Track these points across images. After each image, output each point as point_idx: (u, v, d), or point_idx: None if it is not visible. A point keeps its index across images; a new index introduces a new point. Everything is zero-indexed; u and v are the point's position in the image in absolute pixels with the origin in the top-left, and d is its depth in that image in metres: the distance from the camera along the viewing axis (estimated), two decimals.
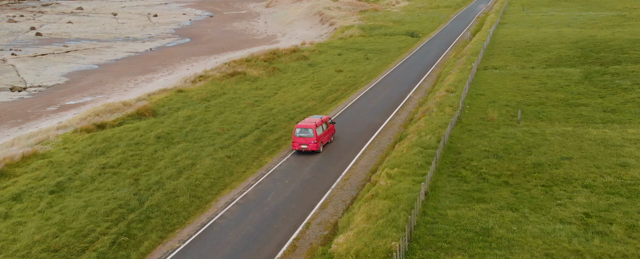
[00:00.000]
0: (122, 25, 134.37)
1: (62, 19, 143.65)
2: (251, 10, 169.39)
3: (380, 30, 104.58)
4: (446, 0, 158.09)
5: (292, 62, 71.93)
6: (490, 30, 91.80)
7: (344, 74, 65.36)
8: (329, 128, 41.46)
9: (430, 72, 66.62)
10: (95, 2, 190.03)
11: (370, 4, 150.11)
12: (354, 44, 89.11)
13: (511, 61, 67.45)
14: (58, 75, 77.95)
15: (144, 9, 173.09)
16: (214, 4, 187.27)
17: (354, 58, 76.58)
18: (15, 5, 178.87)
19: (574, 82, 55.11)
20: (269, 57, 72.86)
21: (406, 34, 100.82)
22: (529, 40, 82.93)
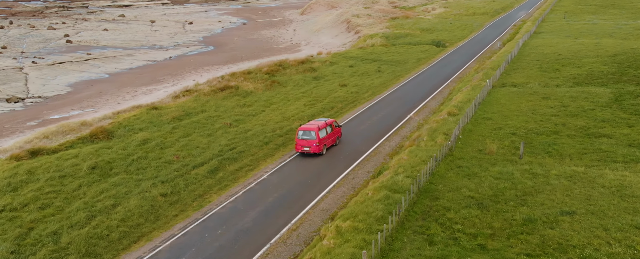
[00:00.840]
0: (154, 33, 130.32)
1: (101, 26, 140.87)
2: (285, 17, 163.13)
3: (405, 39, 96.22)
4: (484, 7, 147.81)
5: (297, 75, 64.81)
6: (520, 41, 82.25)
7: (347, 89, 57.78)
8: (334, 131, 39.74)
9: (442, 88, 58.27)
10: (138, 10, 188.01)
11: (403, 10, 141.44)
12: (371, 54, 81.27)
13: (535, 77, 58.38)
14: (63, 85, 73.34)
15: (182, 16, 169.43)
16: (251, 12, 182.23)
17: (366, 70, 68.80)
18: (63, 12, 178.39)
19: (600, 105, 45.89)
20: (273, 68, 65.99)
21: (431, 43, 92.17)
22: (562, 52, 73.23)
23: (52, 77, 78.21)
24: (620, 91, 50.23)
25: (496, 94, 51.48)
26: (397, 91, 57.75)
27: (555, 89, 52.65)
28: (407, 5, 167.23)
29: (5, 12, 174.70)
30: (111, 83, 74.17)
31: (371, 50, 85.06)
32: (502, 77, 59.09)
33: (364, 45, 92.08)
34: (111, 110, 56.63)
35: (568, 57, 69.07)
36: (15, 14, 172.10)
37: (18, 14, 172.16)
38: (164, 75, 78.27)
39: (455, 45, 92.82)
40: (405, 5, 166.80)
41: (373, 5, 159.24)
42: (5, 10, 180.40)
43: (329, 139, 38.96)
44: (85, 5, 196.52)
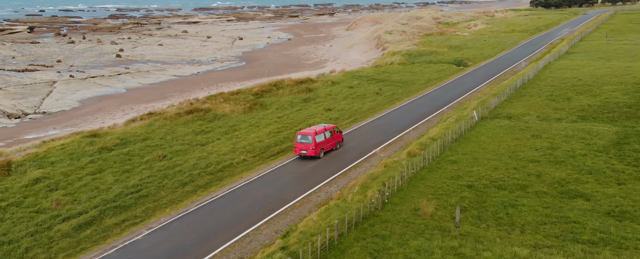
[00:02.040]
0: (201, 48, 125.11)
1: (159, 42, 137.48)
2: (330, 33, 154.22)
3: (427, 57, 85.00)
4: (527, 24, 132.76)
5: (287, 96, 55.80)
6: (540, 63, 69.65)
7: (329, 114, 48.07)
8: (333, 136, 38.19)
9: (432, 116, 47.38)
10: (203, 26, 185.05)
11: (441, 27, 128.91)
12: (383, 73, 70.95)
13: (538, 107, 46.61)
14: (75, 100, 67.88)
15: (239, 32, 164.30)
16: (303, 28, 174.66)
17: (365, 91, 58.73)
18: (136, 28, 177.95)
19: (595, 149, 34.09)
20: (266, 88, 57.32)
21: (452, 62, 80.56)
22: (583, 77, 60.31)
23: (72, 91, 73.21)
24: (628, 131, 37.89)
25: (481, 128, 40.43)
26: (382, 118, 47.51)
27: (553, 124, 40.90)
28: (451, 22, 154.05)
29: (88, 29, 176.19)
30: (120, 99, 68.07)
31: (385, 69, 74.71)
32: (501, 106, 47.60)
33: (382, 63, 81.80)
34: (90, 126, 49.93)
35: (587, 83, 56.24)
36: (97, 30, 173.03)
37: (99, 29, 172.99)
38: (174, 92, 71.43)
39: (477, 64, 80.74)
40: (448, 22, 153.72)
41: (414, 21, 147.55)
42: (91, 27, 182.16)
43: (327, 144, 37.27)
44: (159, 22, 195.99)
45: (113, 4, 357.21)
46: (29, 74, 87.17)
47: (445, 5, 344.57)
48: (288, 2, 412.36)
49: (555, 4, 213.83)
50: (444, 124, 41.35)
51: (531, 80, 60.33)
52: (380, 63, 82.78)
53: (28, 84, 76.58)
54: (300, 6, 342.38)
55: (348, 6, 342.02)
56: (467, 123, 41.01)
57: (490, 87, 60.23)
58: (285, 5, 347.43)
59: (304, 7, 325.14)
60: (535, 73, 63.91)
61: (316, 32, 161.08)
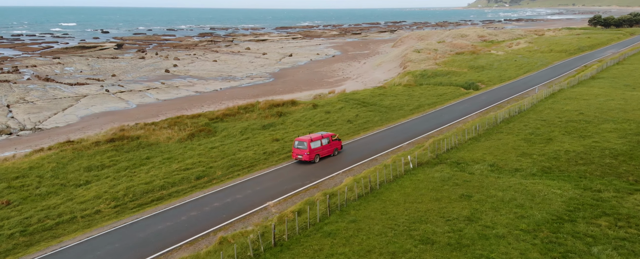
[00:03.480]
0: (248, 64, 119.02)
1: (219, 57, 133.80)
2: (374, 50, 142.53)
3: (440, 79, 72.27)
4: (571, 44, 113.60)
5: (251, 121, 46.55)
6: (550, 89, 55.21)
7: (268, 146, 38.00)
8: (331, 144, 36.64)
9: (381, 155, 36.18)
10: (267, 44, 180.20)
11: (476, 46, 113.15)
12: (378, 96, 59.73)
13: (503, 151, 34.19)
14: (78, 116, 62.05)
15: (294, 49, 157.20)
16: (353, 45, 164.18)
17: (338, 118, 48.18)
18: (208, 45, 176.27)
19: (523, 228, 22.07)
20: (232, 112, 48.64)
21: (463, 85, 67.52)
22: (588, 110, 46.17)
23: (87, 107, 68.24)
24: (587, 198, 25.11)
25: (406, 180, 29.10)
26: None
27: (502, 178, 28.72)
28: (495, 40, 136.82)
29: (171, 45, 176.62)
30: (120, 115, 62.09)
31: (385, 91, 63.32)
32: (460, 147, 35.54)
33: (388, 84, 70.42)
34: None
35: (586, 119, 42.23)
36: (177, 46, 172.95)
37: (179, 46, 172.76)
38: (176, 108, 64.48)
39: (489, 87, 67.05)
40: (493, 40, 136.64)
41: (458, 39, 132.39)
42: (174, 44, 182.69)
43: (323, 150, 35.77)
44: (232, 40, 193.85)
45: (214, 24, 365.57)
46: (76, 88, 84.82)
47: (509, 22, 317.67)
48: (375, 19, 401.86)
49: (616, 23, 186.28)
50: (369, 171, 30.51)
51: (525, 111, 46.87)
52: (388, 84, 71.46)
53: (58, 98, 73.50)
54: (371, 24, 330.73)
55: (416, 23, 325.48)
56: (397, 169, 30.00)
57: (481, 116, 47.55)
58: (357, 24, 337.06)
59: (374, 25, 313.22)
60: (534, 103, 50.10)
61: (364, 49, 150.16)
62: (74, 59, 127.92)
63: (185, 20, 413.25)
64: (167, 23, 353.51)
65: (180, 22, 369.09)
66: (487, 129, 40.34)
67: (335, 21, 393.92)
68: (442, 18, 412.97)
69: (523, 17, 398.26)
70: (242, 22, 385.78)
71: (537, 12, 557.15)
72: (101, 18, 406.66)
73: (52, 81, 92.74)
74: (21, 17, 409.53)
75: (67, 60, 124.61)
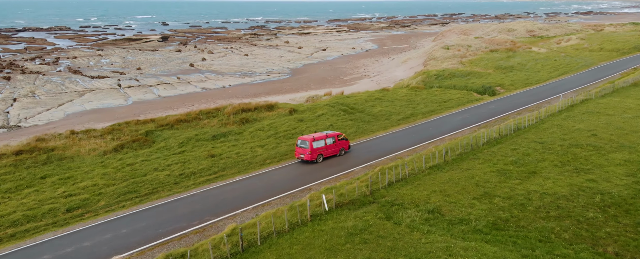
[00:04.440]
0: (277, 59, 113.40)
1: (252, 51, 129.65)
2: (412, 44, 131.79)
3: (454, 81, 62.71)
4: (627, 42, 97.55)
5: (207, 128, 40.34)
6: (570, 100, 44.86)
7: (198, 164, 32.03)
8: (336, 144, 34.36)
9: (316, 184, 29.34)
10: (308, 37, 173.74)
11: (515, 42, 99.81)
12: (372, 101, 51.72)
13: (461, 191, 25.98)
14: (66, 114, 58.44)
15: (333, 43, 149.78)
16: (394, 38, 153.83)
17: (307, 128, 40.81)
18: (251, 38, 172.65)
19: None
20: (192, 117, 42.77)
21: (479, 88, 57.89)
22: (603, 131, 36.27)
23: (83, 103, 64.27)
24: None
25: (305, 232, 21.73)
26: (242, 182, 29.59)
27: (430, 236, 20.77)
28: (545, 35, 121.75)
29: (216, 38, 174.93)
30: (106, 113, 57.90)
31: (382, 95, 55.02)
32: (408, 181, 27.54)
33: (397, 85, 62.04)
34: None
35: (595, 144, 32.49)
36: (221, 39, 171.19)
37: (223, 39, 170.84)
38: (162, 108, 59.79)
39: (509, 92, 56.95)
40: (542, 35, 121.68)
41: (505, 33, 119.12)
42: (219, 37, 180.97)
43: (327, 150, 33.88)
44: (275, 33, 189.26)
45: (275, 17, 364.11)
46: (95, 81, 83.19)
47: (576, 15, 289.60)
48: (438, 10, 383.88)
49: None
50: (266, 214, 23.61)
51: (525, 128, 37.40)
52: (397, 85, 63.07)
53: (64, 92, 71.70)
54: (427, 16, 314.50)
55: (474, 16, 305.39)
56: (304, 212, 22.96)
57: (475, 131, 38.69)
58: (412, 16, 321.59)
59: (429, 17, 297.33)
60: (541, 117, 40.22)
61: (403, 43, 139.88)
62: (116, 51, 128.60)
63: (248, 13, 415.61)
64: (230, 16, 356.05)
65: (244, 14, 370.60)
66: (461, 153, 31.85)
67: (395, 13, 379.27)
68: (508, 10, 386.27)
69: (594, 10, 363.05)
70: (301, 14, 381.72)
71: (611, 5, 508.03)
72: (174, 11, 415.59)
73: (79, 73, 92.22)
74: (97, 10, 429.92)
75: (108, 52, 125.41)
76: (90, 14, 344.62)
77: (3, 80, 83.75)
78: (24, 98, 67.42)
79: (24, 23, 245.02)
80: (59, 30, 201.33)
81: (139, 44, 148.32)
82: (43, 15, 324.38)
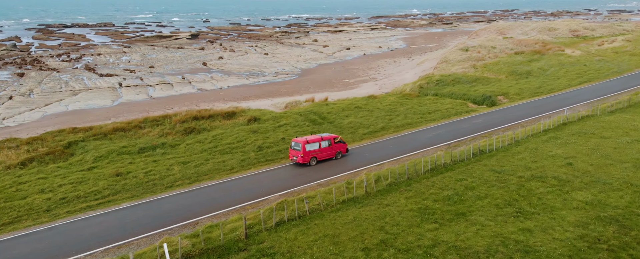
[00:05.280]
0: (295, 58, 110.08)
1: (275, 50, 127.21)
2: (443, 44, 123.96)
3: (454, 88, 56.62)
4: None
5: (142, 139, 37.01)
6: (573, 114, 38.33)
7: (93, 186, 28.67)
8: (332, 146, 33.65)
9: (189, 223, 25.55)
10: (340, 35, 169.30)
11: (546, 44, 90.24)
12: (349, 110, 47.02)
13: (350, 239, 21.43)
14: (44, 115, 57.62)
15: (363, 41, 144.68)
16: (428, 36, 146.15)
17: (253, 142, 37.06)
18: (281, 36, 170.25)
19: None
20: (131, 126, 39.64)
21: (477, 98, 51.77)
22: (583, 160, 30.20)
23: (68, 104, 63.03)
24: None
25: None
26: (125, 211, 26.43)
27: None
28: (590, 35, 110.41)
29: (247, 36, 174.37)
30: (83, 115, 55.86)
31: (366, 103, 50.01)
32: (302, 221, 23.17)
33: (394, 90, 56.97)
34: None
35: (563, 178, 26.70)
36: (252, 37, 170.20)
37: (253, 37, 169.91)
38: (143, 111, 57.54)
39: (512, 102, 50.55)
40: (586, 35, 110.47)
41: (545, 33, 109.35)
42: (250, 34, 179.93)
43: (322, 153, 33.30)
44: (307, 31, 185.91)
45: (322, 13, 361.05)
46: (103, 79, 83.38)
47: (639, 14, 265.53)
48: (502, 7, 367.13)
49: None
50: None
51: (490, 152, 31.67)
52: (394, 91, 57.97)
53: (58, 91, 71.81)
54: (476, 12, 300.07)
55: (528, 12, 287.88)
56: None
57: (445, 150, 33.45)
58: (460, 12, 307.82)
59: (478, 14, 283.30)
60: (519, 138, 34.15)
61: (434, 41, 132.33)
62: (142, 49, 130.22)
63: (299, 9, 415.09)
64: (279, 12, 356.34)
65: (291, 11, 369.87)
66: (392, 183, 27.00)
67: (450, 9, 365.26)
68: (571, 6, 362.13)
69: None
70: (348, 11, 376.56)
71: None
72: (231, 8, 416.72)
73: (92, 71, 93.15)
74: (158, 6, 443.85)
75: (133, 50, 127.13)
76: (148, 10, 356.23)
77: (15, 77, 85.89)
78: (19, 97, 68.09)
79: (84, 19, 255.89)
80: (103, 27, 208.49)
81: (168, 41, 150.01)
82: (102, 11, 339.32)
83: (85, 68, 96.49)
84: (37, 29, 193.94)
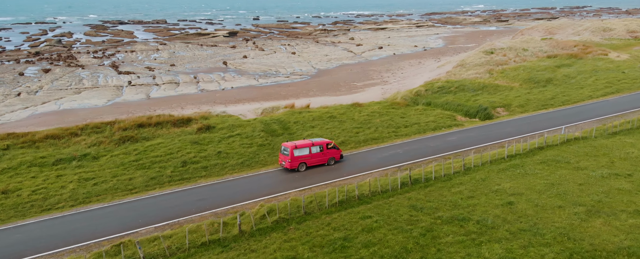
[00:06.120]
0: (320, 57, 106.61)
1: (305, 49, 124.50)
2: (485, 44, 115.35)
3: (456, 96, 50.85)
4: None
5: (68, 148, 34.76)
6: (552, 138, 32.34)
7: None
8: (324, 152, 32.83)
9: None
10: (381, 32, 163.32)
11: (586, 47, 79.60)
12: (325, 119, 43.19)
13: None
14: (31, 114, 58.05)
15: (401, 39, 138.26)
16: (471, 36, 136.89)
17: (177, 157, 34.49)
18: (320, 35, 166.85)
19: None
20: (66, 133, 37.05)
21: (471, 110, 45.91)
22: (529, 199, 24.51)
23: (64, 102, 63.57)
24: None
25: None
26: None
27: None
28: None
29: (285, 34, 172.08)
30: (66, 116, 56.13)
31: (342, 112, 45.61)
32: None
33: (389, 97, 52.25)
34: None
35: (493, 221, 21.78)
36: (290, 35, 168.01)
37: (291, 35, 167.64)
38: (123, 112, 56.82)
39: (512, 116, 44.47)
40: None
41: (593, 33, 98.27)
42: (291, 32, 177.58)
43: (312, 159, 32.43)
44: (348, 28, 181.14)
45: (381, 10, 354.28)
46: (120, 77, 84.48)
47: None
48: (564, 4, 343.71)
49: None
50: None
51: (426, 182, 26.62)
52: (389, 98, 53.22)
53: (63, 89, 73.04)
54: (541, 9, 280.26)
55: (600, 10, 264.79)
56: None
57: (378, 177, 29.01)
58: (524, 9, 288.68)
59: (543, 10, 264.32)
60: (467, 166, 28.62)
61: (475, 41, 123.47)
62: (175, 46, 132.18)
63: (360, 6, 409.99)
64: (340, 9, 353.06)
65: (350, 8, 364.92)
66: (281, 219, 23.09)
67: (512, 6, 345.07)
68: (635, 4, 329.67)
69: None
70: (404, 7, 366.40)
71: None
72: (297, 6, 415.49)
73: (115, 68, 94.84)
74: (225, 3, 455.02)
75: (166, 47, 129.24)
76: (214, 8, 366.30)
77: (41, 73, 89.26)
78: (25, 94, 70.05)
79: (141, 16, 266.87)
80: (154, 24, 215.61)
81: (205, 39, 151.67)
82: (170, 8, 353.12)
83: (111, 65, 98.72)
84: (93, 26, 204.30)
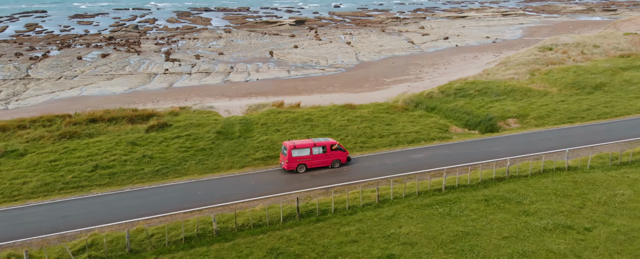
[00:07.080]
0: (374, 47, 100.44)
1: (364, 39, 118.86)
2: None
3: (473, 101, 43.65)
4: None
5: (10, 141, 34.29)
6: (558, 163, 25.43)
7: None
8: (327, 154, 31.11)
9: None
10: (454, 22, 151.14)
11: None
12: (301, 121, 39.26)
13: None
14: (49, 99, 60.33)
15: (475, 30, 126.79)
16: (558, 28, 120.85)
17: (114, 155, 32.53)
18: (390, 23, 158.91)
19: None
20: (22, 124, 37.06)
21: (476, 119, 38.77)
22: (441, 253, 18.29)
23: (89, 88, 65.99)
24: None
25: None
26: None
27: None
28: None
29: (355, 22, 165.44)
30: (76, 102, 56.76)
31: (325, 114, 40.99)
32: None
33: (395, 99, 46.45)
34: None
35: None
36: (359, 23, 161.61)
37: (361, 23, 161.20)
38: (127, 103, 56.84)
39: (523, 129, 36.67)
40: None
41: None
42: (361, 20, 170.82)
43: (313, 160, 30.75)
44: (423, 17, 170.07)
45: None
46: (168, 63, 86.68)
47: None
48: None
49: None
50: None
51: (325, 215, 21.56)
52: (395, 99, 47.36)
53: (98, 74, 75.86)
54: None
55: None
56: None
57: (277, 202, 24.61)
58: None
59: None
60: (384, 197, 22.93)
61: (561, 32, 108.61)
62: (238, 34, 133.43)
63: None
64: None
65: None
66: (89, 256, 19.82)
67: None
68: None
69: None
70: None
71: None
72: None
73: (167, 55, 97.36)
74: None
75: (229, 35, 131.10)
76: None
77: (98, 57, 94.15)
78: (64, 79, 73.74)
79: (227, 3, 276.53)
80: (235, 12, 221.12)
81: (272, 27, 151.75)
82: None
83: (165, 52, 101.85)
84: (179, 13, 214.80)
